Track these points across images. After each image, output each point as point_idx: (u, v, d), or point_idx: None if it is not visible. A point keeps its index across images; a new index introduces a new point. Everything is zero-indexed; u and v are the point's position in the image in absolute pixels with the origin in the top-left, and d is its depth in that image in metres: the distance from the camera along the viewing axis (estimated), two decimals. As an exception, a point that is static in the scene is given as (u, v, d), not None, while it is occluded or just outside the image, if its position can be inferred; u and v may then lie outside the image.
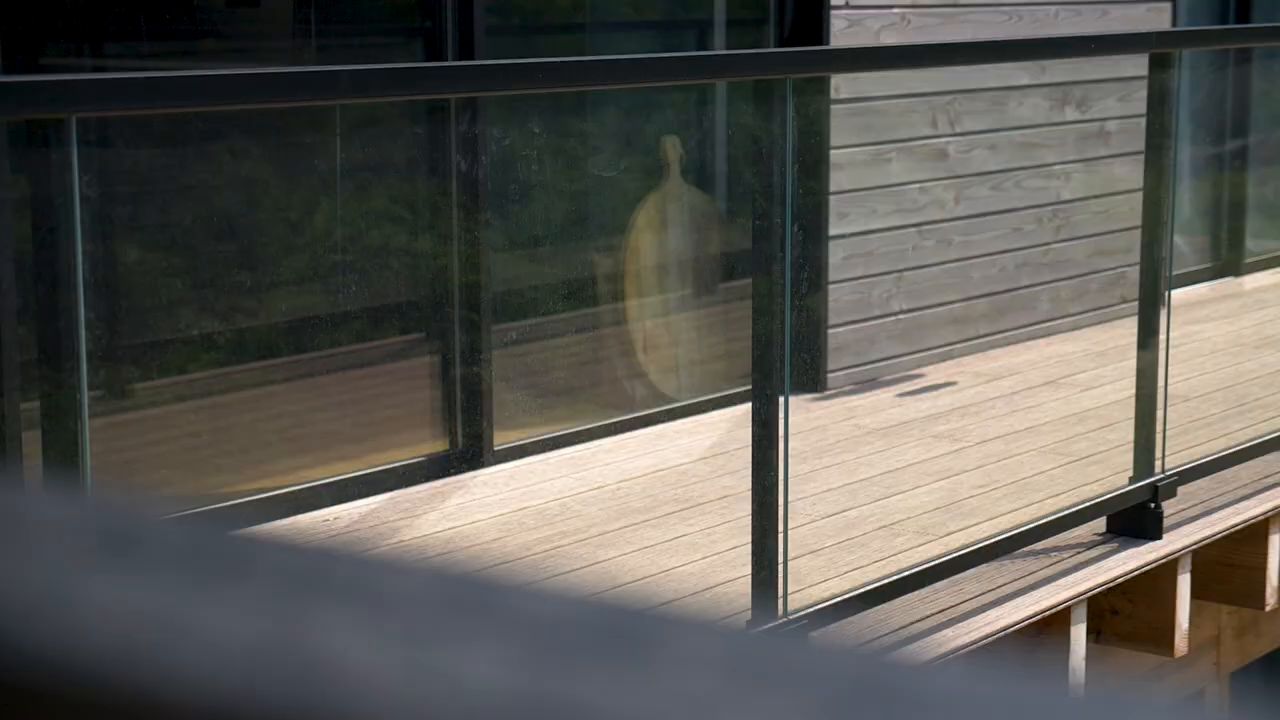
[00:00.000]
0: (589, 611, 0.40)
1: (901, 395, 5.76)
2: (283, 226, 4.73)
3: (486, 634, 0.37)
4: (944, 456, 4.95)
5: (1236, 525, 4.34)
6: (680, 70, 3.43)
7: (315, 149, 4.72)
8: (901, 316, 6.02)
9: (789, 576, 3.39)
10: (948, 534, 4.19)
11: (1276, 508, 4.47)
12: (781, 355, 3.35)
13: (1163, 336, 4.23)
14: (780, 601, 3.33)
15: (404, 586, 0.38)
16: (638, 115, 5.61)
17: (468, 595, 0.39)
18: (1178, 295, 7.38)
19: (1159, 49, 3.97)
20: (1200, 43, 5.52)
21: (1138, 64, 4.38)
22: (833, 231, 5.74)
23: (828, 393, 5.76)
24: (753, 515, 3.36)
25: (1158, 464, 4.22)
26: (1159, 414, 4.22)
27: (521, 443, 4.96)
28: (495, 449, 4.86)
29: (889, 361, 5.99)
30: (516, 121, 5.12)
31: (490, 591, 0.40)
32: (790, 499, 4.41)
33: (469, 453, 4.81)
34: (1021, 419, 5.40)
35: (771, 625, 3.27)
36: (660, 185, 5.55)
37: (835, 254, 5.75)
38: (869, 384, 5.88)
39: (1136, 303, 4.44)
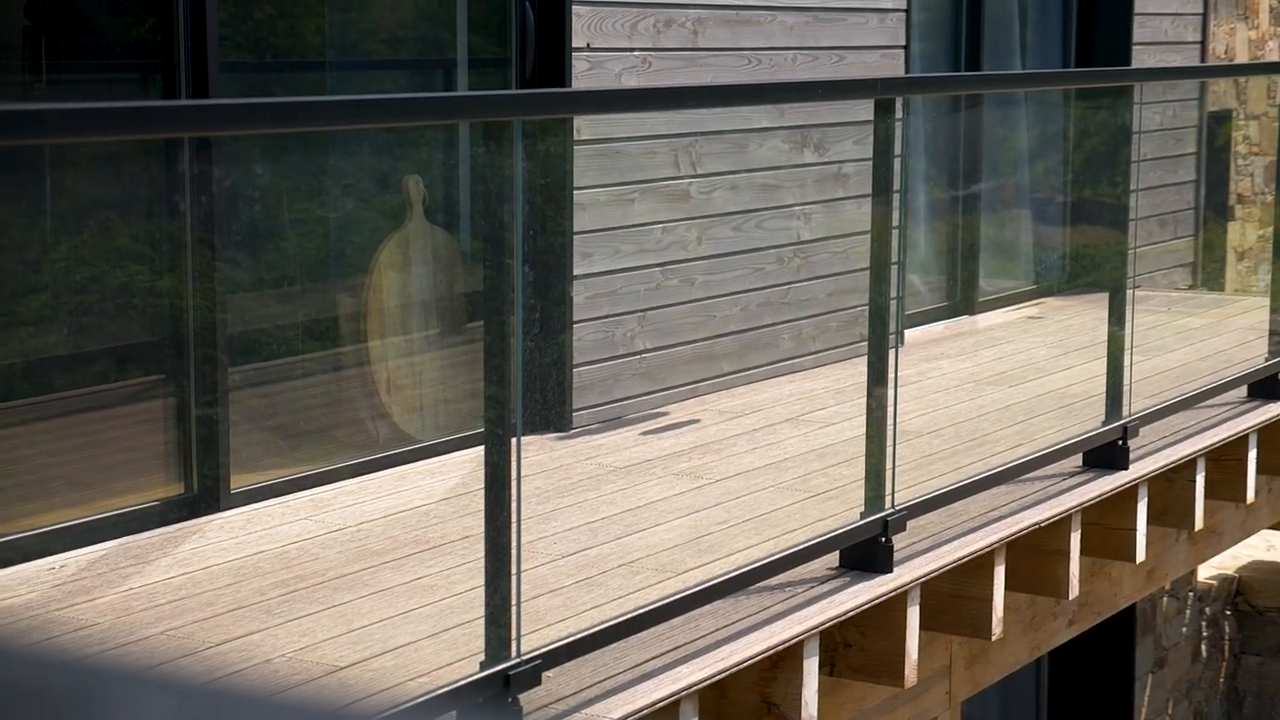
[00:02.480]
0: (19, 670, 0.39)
1: (645, 433, 5.82)
2: (16, 265, 4.60)
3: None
4: (686, 494, 5.01)
5: (964, 557, 4.46)
6: (408, 111, 3.42)
7: (49, 185, 4.61)
8: (645, 355, 6.08)
9: (524, 617, 3.39)
10: (686, 571, 4.23)
11: (1002, 540, 4.60)
12: (514, 396, 3.36)
13: (892, 374, 4.34)
14: (514, 643, 3.32)
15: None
16: (386, 154, 5.59)
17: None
18: (915, 333, 7.59)
19: (882, 95, 4.09)
20: (922, 89, 5.67)
21: (872, 108, 4.50)
22: (577, 271, 5.77)
23: (572, 431, 5.79)
24: (485, 557, 3.35)
25: (888, 499, 4.32)
26: (889, 450, 4.32)
27: (260, 485, 4.89)
28: (232, 492, 4.78)
29: (633, 400, 6.04)
30: (255, 159, 5.07)
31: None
32: (530, 539, 4.42)
33: (205, 496, 4.72)
34: (762, 455, 5.49)
35: (504, 666, 3.27)
36: (403, 225, 5.53)
37: (579, 293, 5.79)
38: (613, 422, 5.92)
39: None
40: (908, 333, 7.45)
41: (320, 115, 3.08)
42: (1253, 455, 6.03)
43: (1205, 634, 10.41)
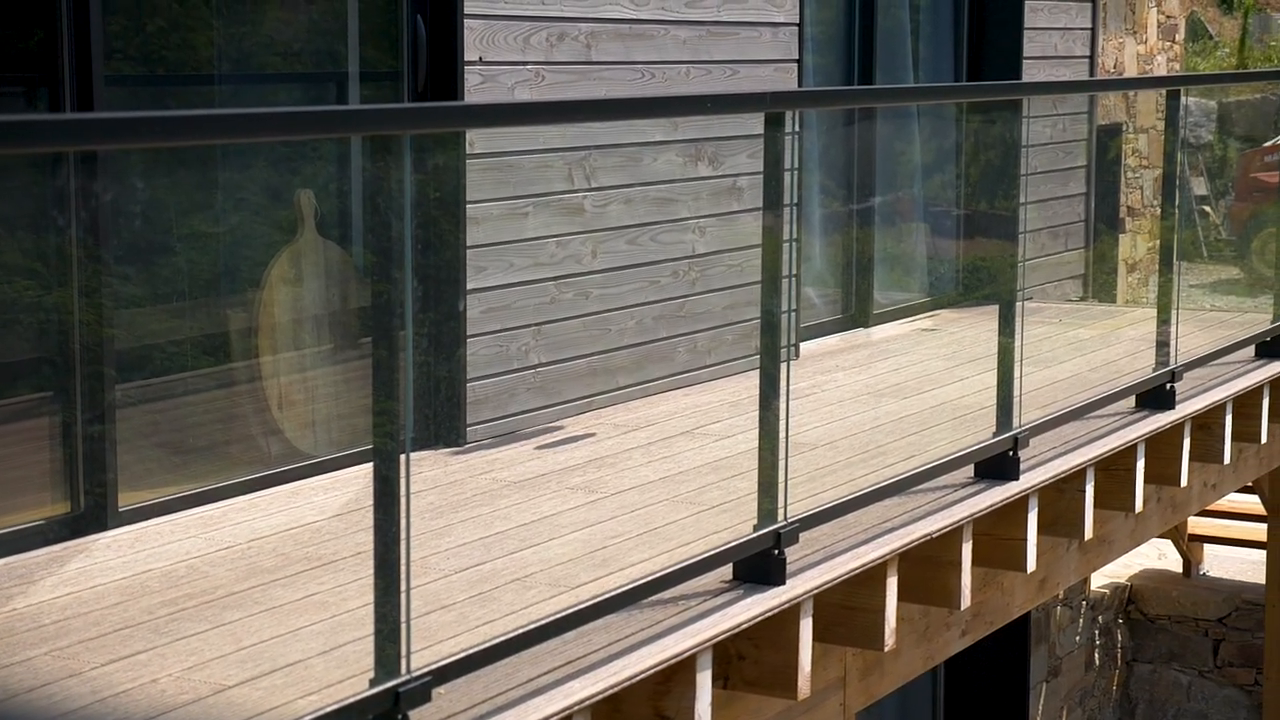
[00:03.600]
0: None
1: (540, 448, 5.80)
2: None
3: None
4: (580, 508, 5.00)
5: (856, 569, 4.48)
6: (296, 125, 3.39)
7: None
8: (540, 369, 6.07)
9: (416, 633, 3.37)
10: (579, 585, 4.22)
11: (894, 551, 4.63)
12: (403, 411, 3.33)
13: (784, 386, 4.35)
14: (404, 660, 3.30)
15: None
16: (278, 168, 5.54)
17: None
18: (810, 346, 7.63)
19: (773, 109, 4.10)
20: (813, 103, 5.69)
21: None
22: (470, 285, 5.75)
23: (467, 446, 5.77)
24: (375, 573, 3.33)
25: (781, 512, 4.33)
26: (781, 463, 4.33)
27: (149, 503, 4.83)
28: (120, 510, 4.72)
29: (528, 414, 6.03)
30: (144, 173, 5.01)
31: None
32: (424, 554, 4.40)
33: (91, 514, 4.65)
34: (658, 469, 5.49)
35: (394, 683, 3.24)
36: (295, 239, 5.49)
37: (473, 307, 5.77)
38: (508, 437, 5.90)
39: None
40: (803, 345, 7.49)
41: (207, 129, 3.05)
42: (1140, 465, 6.10)
43: (1098, 642, 10.53)
